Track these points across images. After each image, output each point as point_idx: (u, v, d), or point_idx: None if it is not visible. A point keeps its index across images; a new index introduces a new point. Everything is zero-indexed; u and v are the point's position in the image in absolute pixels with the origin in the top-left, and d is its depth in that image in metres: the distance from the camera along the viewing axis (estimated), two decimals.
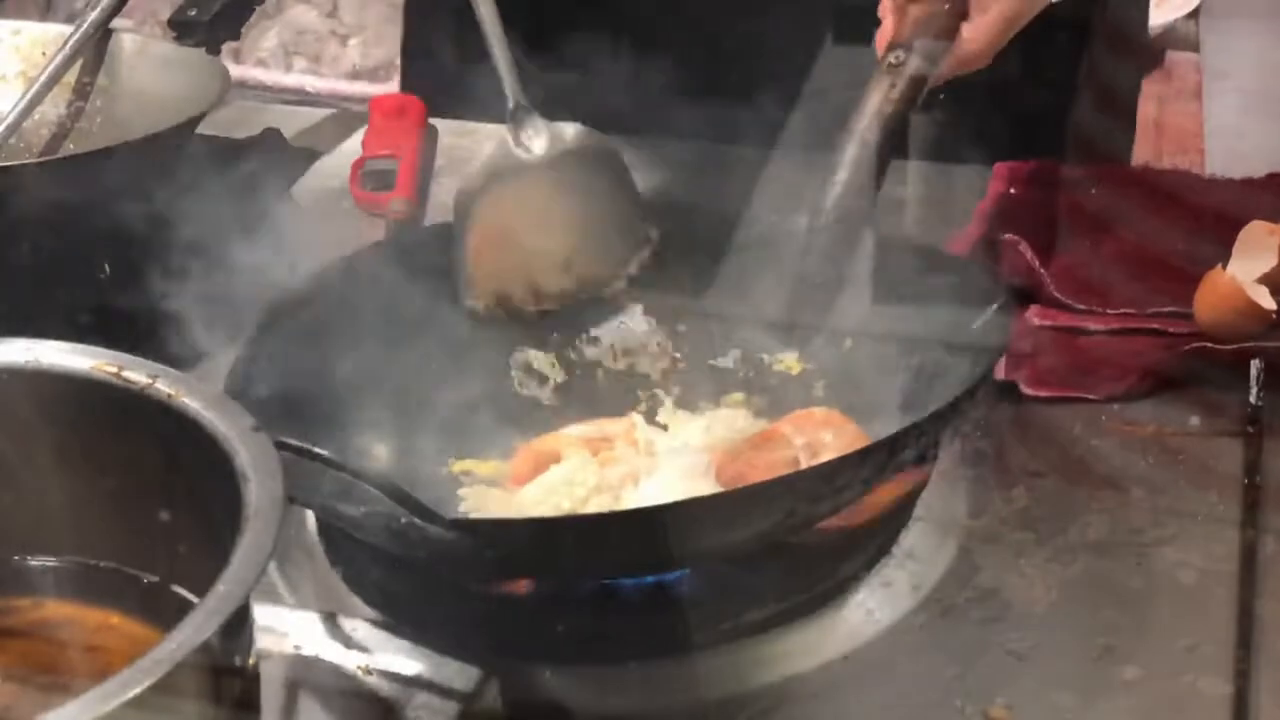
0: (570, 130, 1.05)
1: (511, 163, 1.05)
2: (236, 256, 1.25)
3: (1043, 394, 1.05)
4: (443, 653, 0.75)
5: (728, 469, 0.93)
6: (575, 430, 1.00)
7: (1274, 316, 1.06)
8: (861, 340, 1.03)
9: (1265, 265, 1.08)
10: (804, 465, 0.91)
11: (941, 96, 1.08)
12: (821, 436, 0.94)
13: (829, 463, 0.86)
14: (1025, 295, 1.11)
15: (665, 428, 1.01)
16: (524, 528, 0.85)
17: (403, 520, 0.78)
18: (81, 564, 0.75)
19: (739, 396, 1.04)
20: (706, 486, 0.92)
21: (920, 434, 0.86)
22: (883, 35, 1.07)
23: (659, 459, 0.96)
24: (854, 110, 1.04)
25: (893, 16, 1.06)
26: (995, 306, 0.95)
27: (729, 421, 1.01)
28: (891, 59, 1.05)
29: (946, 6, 1.05)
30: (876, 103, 1.03)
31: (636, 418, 1.01)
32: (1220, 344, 1.05)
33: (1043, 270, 1.12)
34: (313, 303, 1.03)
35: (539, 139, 1.04)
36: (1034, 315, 1.11)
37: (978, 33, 1.06)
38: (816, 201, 1.02)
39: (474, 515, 0.93)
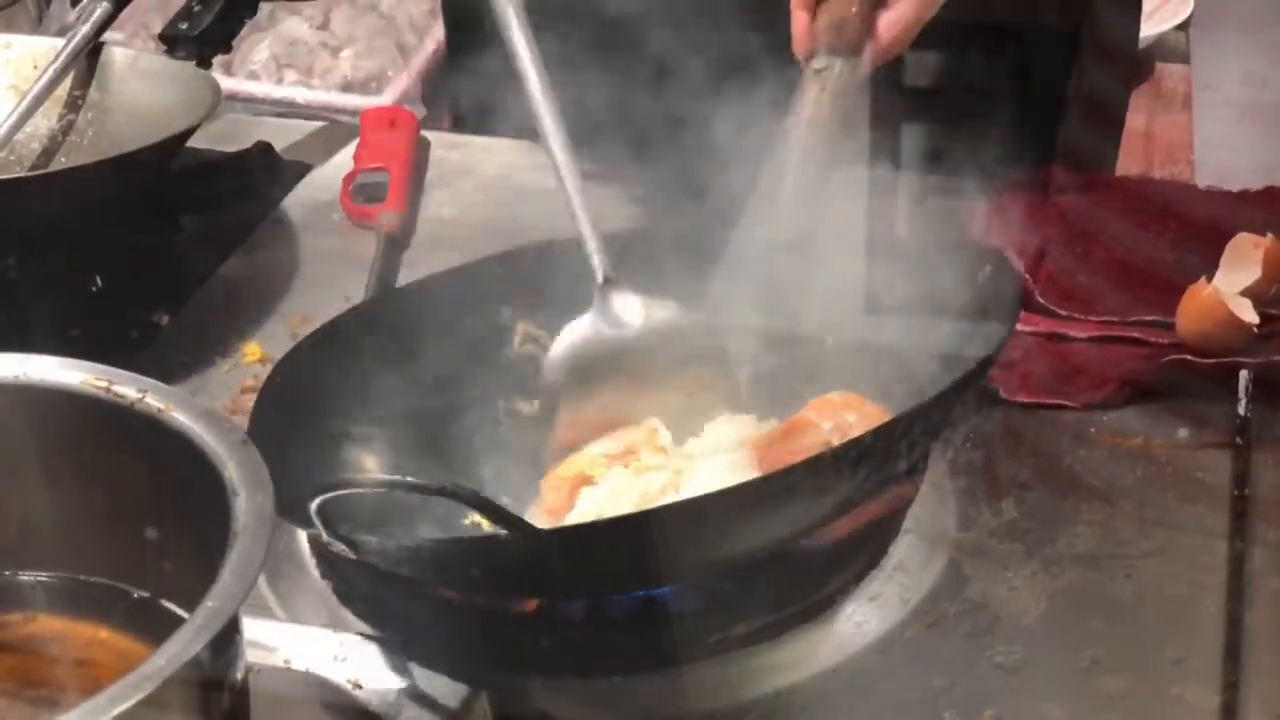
0: (660, 305, 1.01)
1: (606, 339, 1.00)
2: (227, 270, 1.26)
3: (1021, 399, 1.05)
4: (432, 667, 0.75)
5: (769, 458, 0.93)
6: (597, 449, 0.98)
7: (1255, 330, 1.06)
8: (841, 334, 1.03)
9: (1249, 278, 1.09)
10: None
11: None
12: (846, 417, 0.94)
13: (886, 424, 0.86)
14: None
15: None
16: (637, 526, 0.83)
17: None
18: (71, 579, 0.75)
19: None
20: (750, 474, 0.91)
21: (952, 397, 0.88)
22: (798, 42, 1.07)
23: (695, 461, 0.96)
24: (787, 119, 1.03)
25: (803, 21, 1.06)
26: (990, 269, 0.95)
27: (736, 426, 1.01)
28: (815, 65, 1.05)
29: (854, 9, 1.05)
30: (809, 110, 1.04)
31: (656, 422, 0.99)
32: (1201, 356, 1.05)
33: (1029, 277, 1.12)
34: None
35: (631, 312, 1.00)
36: (1019, 322, 1.11)
37: (896, 23, 1.06)
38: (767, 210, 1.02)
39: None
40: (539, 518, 0.95)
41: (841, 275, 1.02)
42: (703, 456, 0.97)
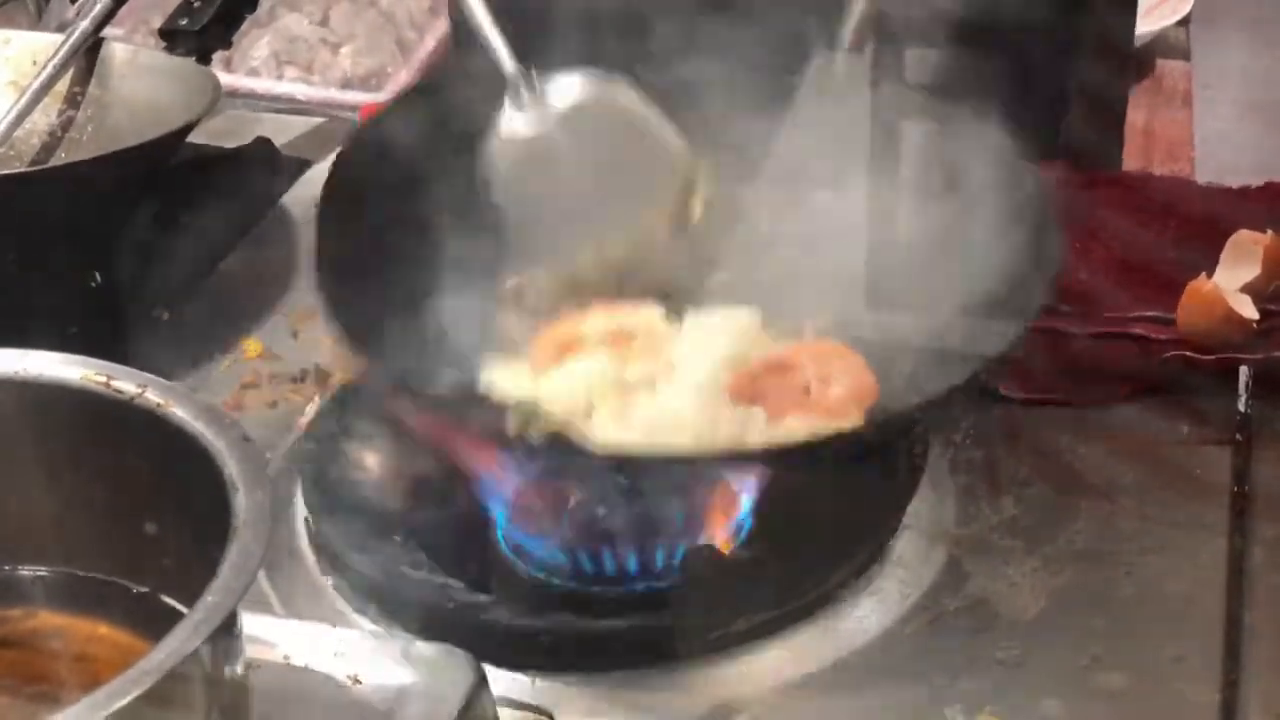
0: (575, 80, 0.99)
1: (534, 128, 0.99)
2: (227, 266, 1.26)
3: (1021, 397, 1.05)
4: (432, 663, 0.75)
5: (743, 390, 0.94)
6: (598, 322, 0.98)
7: (1255, 326, 1.06)
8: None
9: (1249, 274, 1.09)
10: (813, 395, 0.92)
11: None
12: (833, 369, 0.94)
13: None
14: None
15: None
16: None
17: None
18: (71, 574, 0.75)
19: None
20: (719, 405, 0.92)
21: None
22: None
23: (675, 368, 0.96)
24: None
25: None
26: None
27: (742, 328, 1.00)
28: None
29: None
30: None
31: (656, 312, 0.99)
32: (1202, 353, 1.05)
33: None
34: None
35: (551, 94, 0.99)
36: None
37: None
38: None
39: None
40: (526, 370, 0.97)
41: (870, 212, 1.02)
42: (683, 368, 0.96)
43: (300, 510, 0.97)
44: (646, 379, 0.95)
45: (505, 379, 0.97)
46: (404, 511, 0.96)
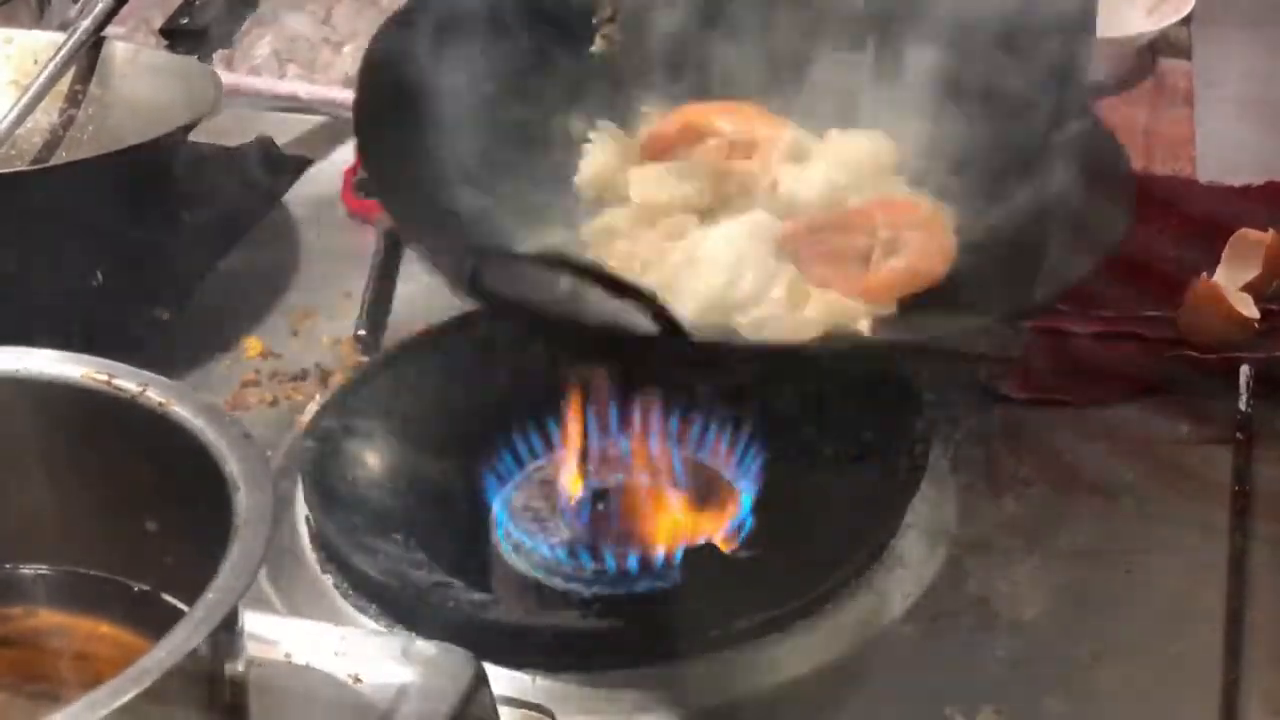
0: None
1: None
2: (228, 265, 1.26)
3: (1023, 396, 1.05)
4: (433, 661, 0.75)
5: (794, 241, 0.93)
6: (728, 121, 0.98)
7: (1256, 325, 1.06)
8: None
9: (1250, 273, 1.09)
10: (875, 260, 0.91)
11: None
12: (906, 234, 0.92)
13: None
14: None
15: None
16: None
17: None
18: (72, 572, 0.75)
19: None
20: (761, 252, 0.91)
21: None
22: None
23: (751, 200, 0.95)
24: None
25: None
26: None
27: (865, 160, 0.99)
28: None
29: None
30: None
31: (789, 131, 0.98)
32: (1203, 352, 1.05)
33: None
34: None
35: None
36: None
37: None
38: None
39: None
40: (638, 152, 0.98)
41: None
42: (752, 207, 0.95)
43: (301, 509, 0.97)
44: (712, 207, 0.94)
45: (601, 155, 0.97)
46: (405, 510, 0.97)
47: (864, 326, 0.90)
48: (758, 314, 0.89)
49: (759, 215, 0.94)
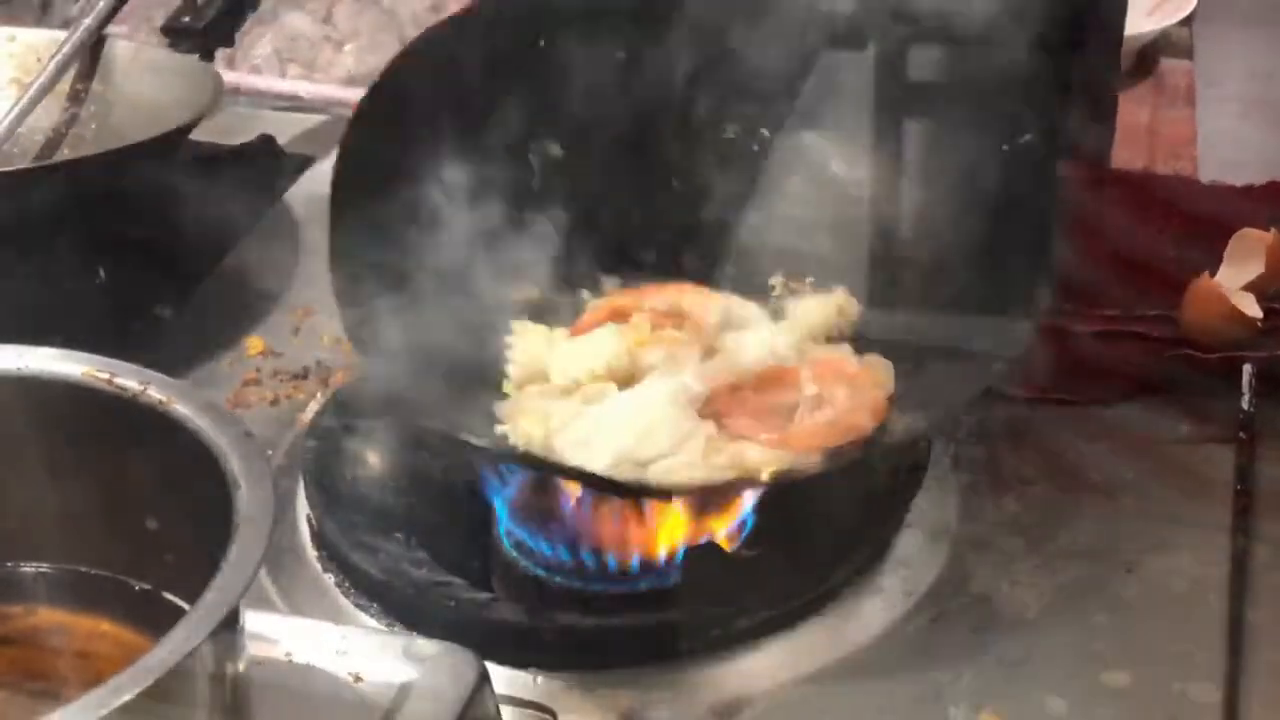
0: None
1: None
2: (230, 263, 1.26)
3: (1023, 395, 1.05)
4: (434, 660, 0.75)
5: (716, 400, 0.93)
6: (658, 299, 1.01)
7: (1259, 324, 1.06)
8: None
9: (1252, 273, 1.09)
10: (800, 417, 0.92)
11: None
12: (835, 391, 0.93)
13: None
14: None
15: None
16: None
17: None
18: (73, 571, 0.75)
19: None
20: (676, 413, 0.92)
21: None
22: None
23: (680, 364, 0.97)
24: None
25: None
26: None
27: (818, 312, 1.01)
28: None
29: None
30: None
31: (722, 301, 1.01)
32: (1205, 351, 1.05)
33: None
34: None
35: None
36: None
37: None
38: None
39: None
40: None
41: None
42: (684, 368, 0.96)
43: (302, 507, 0.97)
44: (639, 373, 0.95)
45: (527, 342, 0.99)
46: (406, 509, 0.96)
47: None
48: (667, 464, 0.90)
49: (683, 379, 0.95)
